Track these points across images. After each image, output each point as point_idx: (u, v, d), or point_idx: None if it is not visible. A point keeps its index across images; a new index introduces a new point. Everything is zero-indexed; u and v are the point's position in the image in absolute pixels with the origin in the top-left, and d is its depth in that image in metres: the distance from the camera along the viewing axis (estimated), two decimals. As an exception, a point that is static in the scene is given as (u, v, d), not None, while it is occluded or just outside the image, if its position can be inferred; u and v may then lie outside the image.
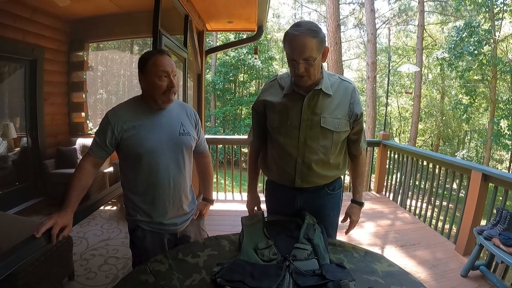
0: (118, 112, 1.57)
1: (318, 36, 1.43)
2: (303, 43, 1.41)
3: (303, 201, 1.75)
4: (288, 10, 26.02)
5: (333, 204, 1.82)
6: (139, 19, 3.17)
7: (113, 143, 1.54)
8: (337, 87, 1.63)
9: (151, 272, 1.32)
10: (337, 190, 1.82)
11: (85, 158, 1.55)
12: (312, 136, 1.60)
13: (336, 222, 1.89)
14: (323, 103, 1.59)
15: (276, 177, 1.80)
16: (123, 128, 1.53)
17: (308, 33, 1.41)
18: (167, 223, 1.69)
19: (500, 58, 12.97)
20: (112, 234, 3.67)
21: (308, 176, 1.66)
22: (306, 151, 1.62)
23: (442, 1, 17.60)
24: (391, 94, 20.34)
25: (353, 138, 1.73)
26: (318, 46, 1.44)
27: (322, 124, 1.57)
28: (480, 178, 3.14)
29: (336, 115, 1.59)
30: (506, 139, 12.76)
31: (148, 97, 1.60)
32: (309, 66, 1.45)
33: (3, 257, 1.24)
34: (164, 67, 1.52)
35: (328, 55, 8.24)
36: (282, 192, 1.79)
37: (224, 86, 19.80)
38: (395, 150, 5.17)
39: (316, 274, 1.25)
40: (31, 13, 1.85)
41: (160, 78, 1.52)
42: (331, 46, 11.76)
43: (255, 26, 4.87)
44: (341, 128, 1.60)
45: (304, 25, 1.45)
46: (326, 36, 1.48)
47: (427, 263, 3.09)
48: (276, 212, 1.83)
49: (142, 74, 1.55)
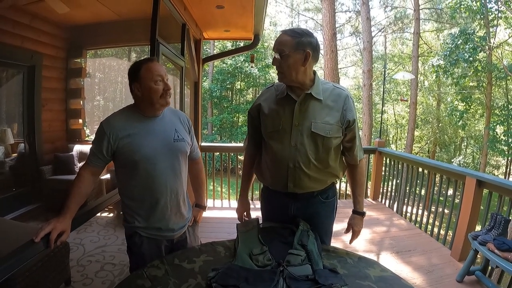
0: (112, 122, 1.59)
1: (296, 37, 1.53)
2: (280, 38, 1.56)
3: (296, 208, 1.76)
4: (285, 18, 26.24)
5: (326, 212, 1.83)
6: (137, 27, 3.20)
7: (109, 152, 1.57)
8: (329, 93, 1.66)
9: (147, 277, 1.34)
10: (331, 198, 1.83)
11: (83, 167, 1.58)
12: (303, 141, 1.62)
13: (330, 230, 1.90)
14: (314, 109, 1.62)
15: (270, 182, 1.82)
16: (118, 137, 1.55)
17: (288, 32, 1.55)
18: (165, 229, 1.70)
19: (495, 65, 13.11)
20: (109, 240, 3.66)
21: (300, 181, 1.68)
22: (297, 155, 1.64)
23: (438, 9, 17.80)
24: (388, 102, 20.45)
25: (347, 146, 1.75)
26: (294, 45, 1.52)
27: (313, 129, 1.60)
28: (475, 184, 3.17)
29: (327, 121, 1.61)
30: (502, 145, 12.80)
31: (143, 104, 1.62)
32: (281, 60, 1.55)
33: (3, 260, 1.25)
34: (158, 72, 1.57)
35: (325, 63, 8.27)
36: (276, 199, 1.81)
37: (221, 94, 19.85)
38: (391, 157, 5.22)
39: (309, 279, 1.27)
40: (30, 20, 1.87)
41: (156, 83, 1.56)
42: (327, 54, 11.87)
43: (251, 34, 4.92)
44: (332, 134, 1.62)
45: (293, 28, 1.61)
46: (315, 44, 1.54)
47: (423, 269, 3.10)
48: (271, 219, 1.85)
49: (137, 82, 1.58)
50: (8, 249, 1.31)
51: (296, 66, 1.56)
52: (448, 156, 19.68)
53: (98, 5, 2.53)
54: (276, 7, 23.56)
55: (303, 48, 1.52)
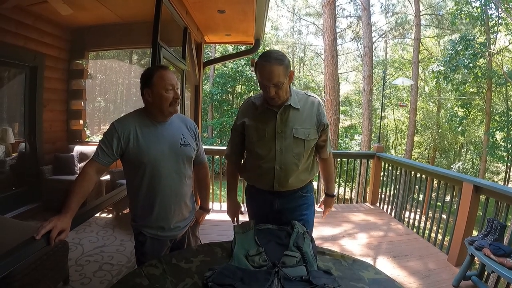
0: (124, 123, 1.66)
1: (283, 64, 1.65)
2: (271, 71, 1.64)
3: (280, 203, 1.94)
4: (286, 22, 26.32)
5: (307, 205, 2.03)
6: (138, 30, 3.23)
7: (118, 151, 1.62)
8: (304, 101, 1.86)
9: (145, 276, 1.36)
10: (310, 193, 2.06)
11: (89, 164, 1.61)
12: (287, 146, 1.81)
13: (311, 222, 2.10)
14: (293, 116, 1.81)
15: (256, 182, 1.99)
16: (129, 138, 1.62)
17: (275, 62, 1.63)
18: (167, 229, 1.77)
19: (495, 71, 13.16)
20: (108, 241, 3.67)
21: (285, 181, 1.86)
22: (282, 159, 1.82)
23: (438, 15, 17.88)
24: (388, 107, 20.47)
25: (321, 144, 1.97)
26: (285, 72, 1.67)
27: (295, 135, 1.80)
28: (472, 190, 3.18)
29: (305, 126, 1.82)
30: (501, 151, 12.82)
31: (153, 110, 1.69)
32: (278, 89, 1.68)
33: (4, 256, 1.27)
34: (170, 81, 1.65)
35: (325, 68, 8.35)
36: (261, 196, 1.98)
37: (221, 97, 19.91)
38: (389, 162, 5.23)
39: (304, 280, 1.29)
40: (33, 20, 1.90)
41: (167, 91, 1.64)
42: (327, 59, 11.92)
43: (252, 39, 4.95)
44: (310, 137, 1.83)
45: (272, 55, 1.66)
46: (299, 64, 1.68)
47: (419, 274, 3.11)
48: (257, 214, 1.99)
49: (149, 88, 1.64)
50: (9, 246, 1.33)
51: (287, 88, 1.76)
52: (448, 162, 19.68)
53: (101, 7, 2.56)
54: (277, 12, 23.58)
55: (289, 69, 1.70)
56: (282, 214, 1.93)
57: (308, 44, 24.87)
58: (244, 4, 3.52)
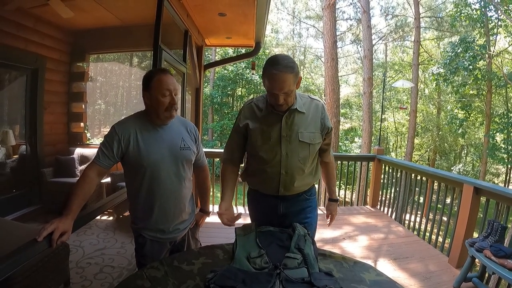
0: (124, 125, 1.67)
1: (294, 72, 1.60)
2: (282, 80, 1.58)
3: (284, 206, 1.91)
4: (286, 25, 26.35)
5: (311, 208, 2.00)
6: (139, 33, 3.24)
7: (119, 154, 1.63)
8: (308, 105, 1.81)
9: (147, 278, 1.37)
10: (313, 196, 2.03)
11: (90, 167, 1.61)
12: (292, 150, 1.77)
13: (315, 225, 2.07)
14: (298, 120, 1.77)
15: (261, 187, 1.94)
16: (129, 140, 1.63)
17: (286, 71, 1.57)
18: (167, 232, 1.78)
19: (495, 73, 13.18)
20: (108, 243, 3.67)
21: (291, 185, 1.83)
22: (288, 163, 1.78)
23: (438, 17, 17.93)
24: (388, 109, 20.49)
25: (325, 148, 1.94)
26: (294, 80, 1.62)
27: (300, 138, 1.76)
28: (472, 192, 3.18)
29: (310, 130, 1.79)
30: (501, 153, 12.82)
31: (151, 113, 1.69)
32: (287, 97, 1.65)
33: (6, 258, 1.27)
34: (168, 86, 1.64)
35: (325, 70, 8.39)
36: (266, 201, 1.93)
37: (222, 100, 19.91)
38: (389, 164, 5.23)
39: (305, 282, 1.30)
40: (34, 23, 1.90)
41: (163, 96, 1.63)
42: (327, 62, 11.93)
43: (253, 42, 4.97)
44: (315, 140, 1.80)
45: (281, 62, 1.59)
46: (299, 67, 1.62)
47: (420, 276, 3.11)
48: (260, 219, 1.92)
49: (147, 90, 1.65)
50: (10, 248, 1.33)
51: (294, 93, 1.72)
52: (448, 164, 19.68)
53: (102, 10, 2.57)
54: (277, 15, 23.70)
55: (298, 76, 1.65)
56: (287, 218, 1.89)
57: (308, 46, 24.98)
58: (244, 7, 3.53)
